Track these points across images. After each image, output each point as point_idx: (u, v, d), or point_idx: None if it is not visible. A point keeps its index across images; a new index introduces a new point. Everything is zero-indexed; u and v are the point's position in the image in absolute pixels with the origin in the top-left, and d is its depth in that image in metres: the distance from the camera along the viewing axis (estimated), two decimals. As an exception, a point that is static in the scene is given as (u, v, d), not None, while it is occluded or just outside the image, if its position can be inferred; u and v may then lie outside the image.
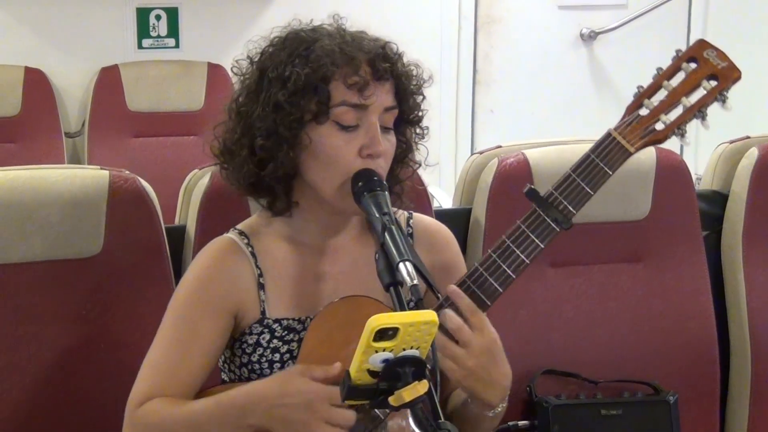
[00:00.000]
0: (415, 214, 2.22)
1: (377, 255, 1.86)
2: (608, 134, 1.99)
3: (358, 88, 1.96)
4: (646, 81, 2.07)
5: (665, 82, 2.00)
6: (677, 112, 1.99)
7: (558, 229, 1.98)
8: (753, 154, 2.89)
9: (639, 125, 1.98)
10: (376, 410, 1.92)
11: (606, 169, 1.97)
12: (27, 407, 2.39)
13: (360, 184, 1.95)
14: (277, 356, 2.05)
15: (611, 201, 2.71)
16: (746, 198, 2.87)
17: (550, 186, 2.04)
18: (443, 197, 4.23)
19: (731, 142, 3.00)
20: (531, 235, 1.98)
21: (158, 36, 4.79)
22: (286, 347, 2.05)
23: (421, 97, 2.10)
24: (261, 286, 2.07)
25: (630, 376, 2.74)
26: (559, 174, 2.43)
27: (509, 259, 1.98)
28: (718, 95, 1.99)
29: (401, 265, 1.80)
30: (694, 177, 2.87)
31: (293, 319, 2.06)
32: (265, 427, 1.89)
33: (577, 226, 2.63)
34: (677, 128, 1.99)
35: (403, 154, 2.11)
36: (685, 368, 2.79)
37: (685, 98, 1.98)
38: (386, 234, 1.85)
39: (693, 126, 2.07)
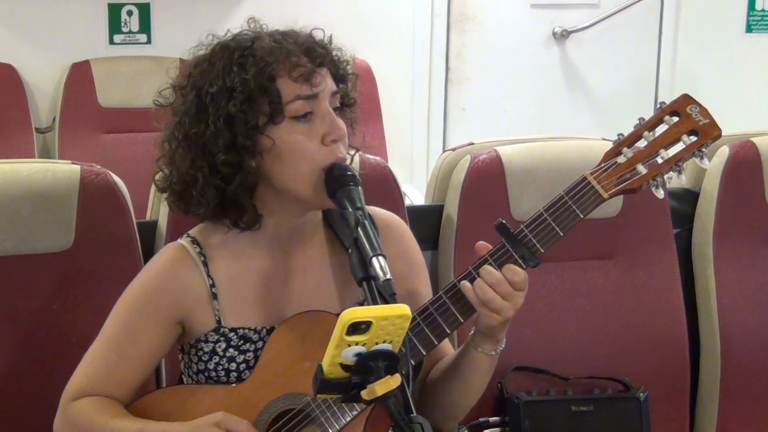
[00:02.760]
0: (367, 207, 2.22)
1: (350, 250, 1.87)
2: (583, 178, 1.98)
3: (305, 79, 1.96)
4: (618, 79, 2.08)
5: (646, 133, 1.99)
6: (655, 164, 1.98)
7: (524, 266, 1.97)
8: (724, 152, 2.91)
9: (615, 172, 1.98)
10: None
11: (578, 212, 1.97)
12: (-4, 402, 2.39)
13: (333, 178, 1.95)
14: (233, 365, 2.05)
15: (583, 198, 2.72)
16: (717, 196, 2.89)
17: (521, 186, 2.05)
18: (415, 194, 4.24)
19: (702, 140, 3.01)
20: (498, 270, 1.96)
21: (130, 32, 4.76)
22: (242, 357, 2.05)
23: (356, 78, 2.11)
24: (214, 296, 2.06)
25: (601, 372, 2.75)
26: (531, 171, 2.43)
27: None
28: (697, 151, 1.98)
29: (374, 260, 1.80)
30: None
31: (249, 329, 2.06)
32: None
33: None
34: (652, 179, 1.98)
35: None
36: (655, 365, 2.81)
37: (663, 150, 1.97)
38: (359, 229, 1.86)
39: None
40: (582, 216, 1.97)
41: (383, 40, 4.94)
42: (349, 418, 1.94)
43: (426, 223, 2.76)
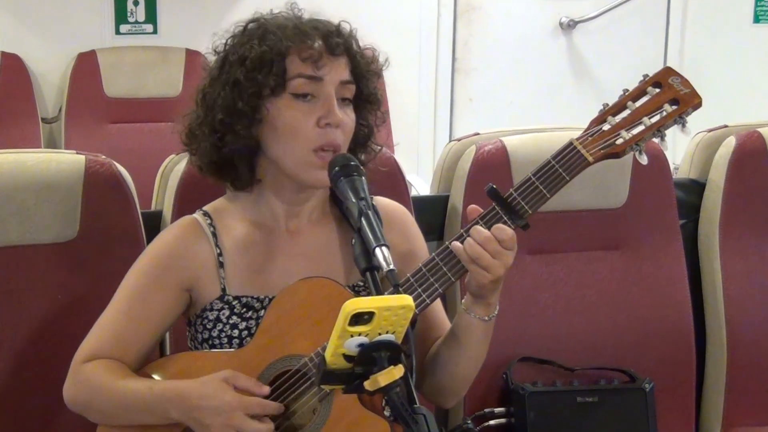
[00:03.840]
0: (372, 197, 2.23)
1: (354, 240, 1.91)
2: (569, 143, 2.05)
3: (312, 61, 2.04)
4: (625, 70, 2.11)
5: (629, 103, 2.06)
6: (638, 130, 2.05)
7: (513, 227, 2.01)
8: (730, 143, 2.90)
9: (600, 137, 2.05)
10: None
11: (564, 175, 2.03)
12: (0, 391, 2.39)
13: (337, 168, 1.98)
14: (236, 332, 2.09)
15: (589, 189, 2.72)
16: (723, 187, 2.88)
17: (523, 175, 2.08)
18: (421, 184, 4.24)
19: (709, 130, 3.01)
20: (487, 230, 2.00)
21: (136, 22, 4.77)
22: (244, 324, 2.09)
23: (378, 78, 2.17)
24: (221, 265, 2.12)
25: (606, 363, 2.75)
26: (536, 161, 2.42)
27: None
28: (678, 118, 2.05)
29: (377, 250, 1.83)
30: (671, 165, 2.87)
31: (252, 297, 2.11)
32: (185, 425, 1.99)
33: (554, 214, 2.65)
34: (635, 144, 2.05)
35: (365, 138, 2.18)
36: (661, 356, 2.80)
37: (646, 118, 2.05)
38: (363, 219, 1.89)
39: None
40: (568, 179, 2.04)
41: (390, 30, 4.93)
42: None
43: (431, 213, 2.76)
